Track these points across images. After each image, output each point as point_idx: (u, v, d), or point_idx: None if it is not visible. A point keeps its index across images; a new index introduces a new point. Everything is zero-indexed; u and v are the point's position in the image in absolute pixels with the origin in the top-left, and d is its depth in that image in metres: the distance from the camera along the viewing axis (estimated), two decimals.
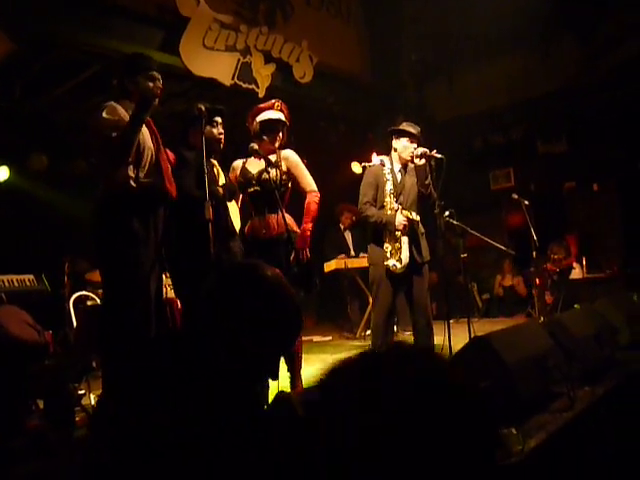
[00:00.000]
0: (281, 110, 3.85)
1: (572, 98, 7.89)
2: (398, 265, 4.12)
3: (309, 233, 3.71)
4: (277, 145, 3.80)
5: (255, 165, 3.78)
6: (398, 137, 4.29)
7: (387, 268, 4.14)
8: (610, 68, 7.56)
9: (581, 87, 7.79)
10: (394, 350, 0.96)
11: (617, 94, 7.48)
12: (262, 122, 3.79)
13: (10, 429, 2.99)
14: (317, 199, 3.80)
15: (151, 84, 3.04)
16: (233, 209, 3.55)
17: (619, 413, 2.93)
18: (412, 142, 4.24)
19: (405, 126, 4.29)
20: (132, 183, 2.91)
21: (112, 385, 1.30)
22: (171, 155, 3.30)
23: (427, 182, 4.17)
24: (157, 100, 3.03)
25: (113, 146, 2.85)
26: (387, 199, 4.20)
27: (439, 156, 4.11)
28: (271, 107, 3.84)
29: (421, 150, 4.14)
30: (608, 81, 7.57)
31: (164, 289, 5.20)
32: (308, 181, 3.81)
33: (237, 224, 3.57)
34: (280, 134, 3.82)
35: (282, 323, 1.35)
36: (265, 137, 3.77)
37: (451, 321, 4.21)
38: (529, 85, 7.99)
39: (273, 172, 3.63)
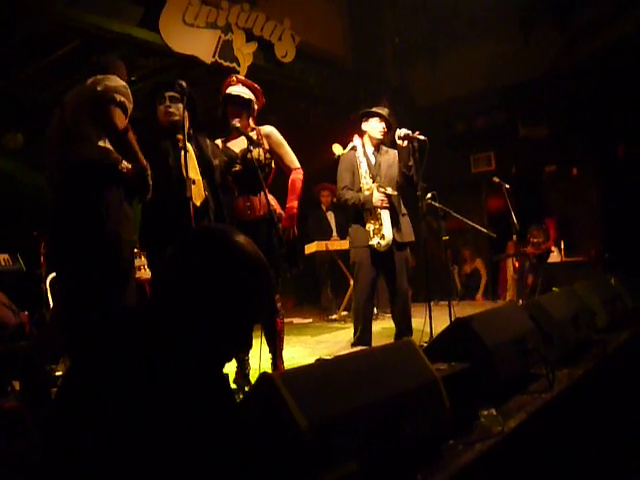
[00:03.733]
0: (246, 86, 3.71)
1: (553, 83, 7.93)
2: (382, 242, 4.13)
3: (296, 211, 3.64)
4: (253, 122, 3.71)
5: (237, 144, 3.70)
6: (367, 119, 4.35)
7: (372, 248, 4.14)
8: (590, 53, 7.59)
9: (562, 72, 7.82)
10: None
11: (598, 79, 7.51)
12: (226, 97, 3.66)
13: None
14: (302, 176, 3.74)
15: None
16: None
17: (597, 394, 2.97)
18: (381, 122, 4.30)
19: (374, 109, 4.36)
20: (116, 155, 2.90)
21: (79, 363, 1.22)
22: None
23: (410, 164, 4.17)
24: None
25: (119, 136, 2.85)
26: (363, 181, 4.25)
27: (422, 138, 4.10)
28: (230, 83, 3.71)
29: (404, 131, 4.14)
30: (589, 66, 7.60)
31: (140, 269, 5.16)
32: (292, 158, 3.75)
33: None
34: (247, 110, 3.65)
35: (252, 291, 1.26)
36: (229, 113, 3.63)
37: (431, 303, 4.22)
38: (511, 69, 8.00)
39: (256, 151, 3.55)
